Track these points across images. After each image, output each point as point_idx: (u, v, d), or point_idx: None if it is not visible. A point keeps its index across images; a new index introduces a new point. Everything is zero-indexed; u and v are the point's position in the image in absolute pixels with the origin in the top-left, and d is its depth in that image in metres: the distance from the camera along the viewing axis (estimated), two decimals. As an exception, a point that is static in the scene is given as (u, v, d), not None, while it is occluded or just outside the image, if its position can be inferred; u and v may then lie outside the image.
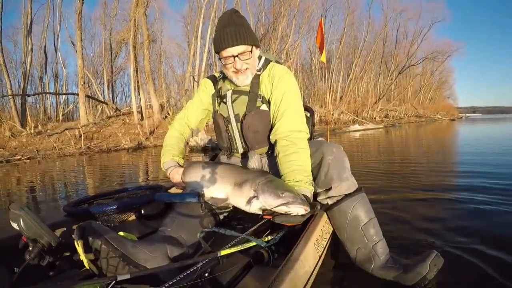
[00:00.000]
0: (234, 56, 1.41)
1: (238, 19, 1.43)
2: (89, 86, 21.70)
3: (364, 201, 1.43)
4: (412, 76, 36.15)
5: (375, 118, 26.54)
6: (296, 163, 1.33)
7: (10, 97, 14.02)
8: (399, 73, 31.27)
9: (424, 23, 33.13)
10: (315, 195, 1.43)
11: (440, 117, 39.08)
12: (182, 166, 1.60)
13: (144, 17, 12.93)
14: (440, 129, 16.31)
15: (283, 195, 1.16)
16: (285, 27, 21.57)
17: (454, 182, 3.38)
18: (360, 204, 1.40)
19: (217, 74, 1.67)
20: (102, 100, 20.01)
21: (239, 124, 1.52)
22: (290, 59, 22.85)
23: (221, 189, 1.34)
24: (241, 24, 1.41)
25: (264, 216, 1.23)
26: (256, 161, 1.47)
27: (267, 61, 1.55)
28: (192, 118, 1.71)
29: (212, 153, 1.87)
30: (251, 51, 1.44)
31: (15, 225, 1.20)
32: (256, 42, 1.46)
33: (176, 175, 1.54)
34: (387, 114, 29.50)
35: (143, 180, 4.74)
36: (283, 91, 1.45)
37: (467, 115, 72.08)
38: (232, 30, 1.39)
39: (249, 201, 1.24)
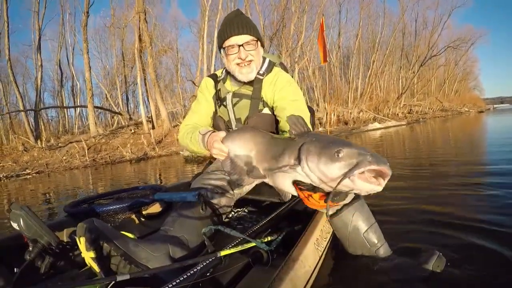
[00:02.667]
0: (239, 46, 1.41)
1: (243, 17, 1.46)
2: (107, 98, 21.93)
3: (364, 208, 1.43)
4: (435, 68, 34.26)
5: (397, 114, 25.15)
6: None
7: (15, 112, 14.19)
8: (421, 65, 29.41)
9: (444, 10, 30.52)
10: None
11: (467, 109, 37.02)
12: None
13: (145, 24, 12.60)
14: (469, 122, 15.20)
15: (341, 154, 0.83)
16: (298, 25, 20.89)
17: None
18: (360, 212, 1.41)
19: (219, 73, 1.63)
20: (116, 111, 20.04)
21: None
22: (306, 56, 22.13)
23: (260, 164, 1.16)
24: (246, 20, 1.45)
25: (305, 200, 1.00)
26: None
27: (271, 65, 1.54)
28: (202, 117, 1.63)
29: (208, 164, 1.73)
30: (256, 42, 1.45)
31: (15, 225, 1.20)
32: (260, 37, 1.48)
33: (215, 137, 1.34)
34: (410, 109, 27.89)
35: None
36: (290, 98, 1.45)
37: (495, 106, 69.02)
38: (238, 20, 1.42)
39: (286, 175, 1.00)
